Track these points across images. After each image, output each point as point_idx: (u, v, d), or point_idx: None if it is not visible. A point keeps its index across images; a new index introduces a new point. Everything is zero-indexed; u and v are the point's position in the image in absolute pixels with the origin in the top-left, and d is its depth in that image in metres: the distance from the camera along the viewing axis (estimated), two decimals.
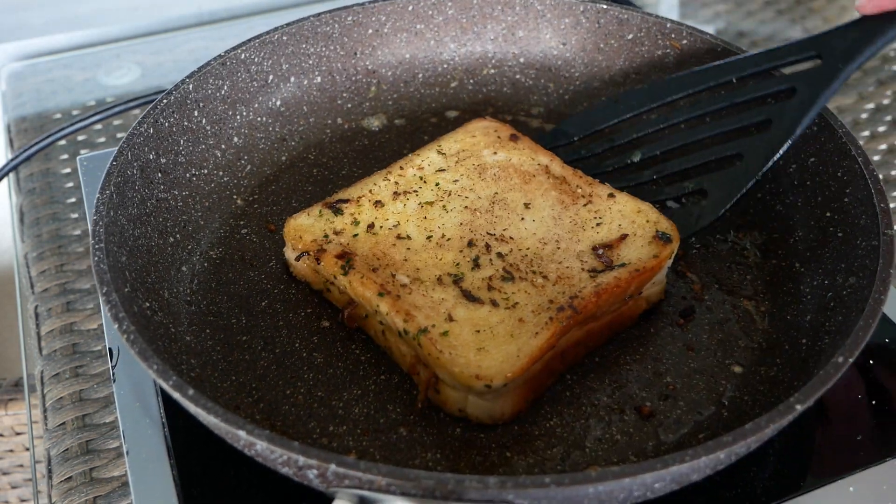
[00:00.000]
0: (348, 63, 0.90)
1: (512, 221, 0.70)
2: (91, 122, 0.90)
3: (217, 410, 0.51)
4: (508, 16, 0.92)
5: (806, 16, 1.20)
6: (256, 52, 0.84)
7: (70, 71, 1.14)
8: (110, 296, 0.58)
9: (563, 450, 0.61)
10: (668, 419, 0.63)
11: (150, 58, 1.14)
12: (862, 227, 0.66)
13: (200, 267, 0.74)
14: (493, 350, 0.60)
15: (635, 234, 0.69)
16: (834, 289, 0.66)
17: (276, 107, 0.86)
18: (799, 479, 0.62)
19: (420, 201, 0.72)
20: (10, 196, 1.00)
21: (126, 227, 0.68)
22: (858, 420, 0.67)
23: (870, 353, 0.71)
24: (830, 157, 0.72)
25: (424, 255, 0.68)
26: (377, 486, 0.48)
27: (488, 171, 0.75)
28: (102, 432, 0.72)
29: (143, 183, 0.72)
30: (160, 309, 0.67)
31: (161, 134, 0.75)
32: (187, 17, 1.22)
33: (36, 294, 0.84)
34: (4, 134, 1.07)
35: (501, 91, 0.92)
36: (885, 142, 0.99)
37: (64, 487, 0.68)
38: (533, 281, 0.66)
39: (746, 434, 0.50)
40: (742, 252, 0.75)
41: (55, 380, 0.76)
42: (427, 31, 0.92)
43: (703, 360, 0.67)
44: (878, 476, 0.63)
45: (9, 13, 1.21)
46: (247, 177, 0.82)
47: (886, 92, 1.06)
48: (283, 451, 0.49)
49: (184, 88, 0.78)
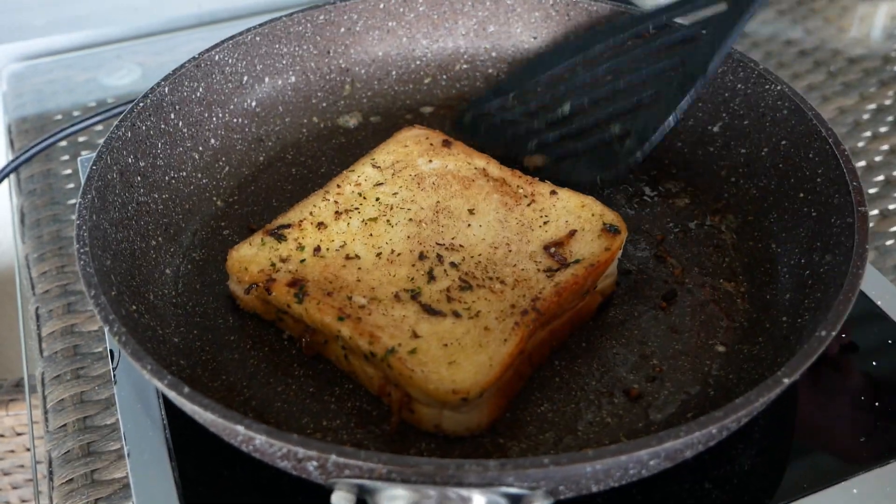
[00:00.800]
0: (322, 62, 0.90)
1: (459, 229, 0.69)
2: (92, 123, 0.89)
3: (214, 407, 0.51)
4: (479, 11, 0.92)
5: (807, 16, 1.21)
6: (230, 54, 0.84)
7: (71, 71, 1.13)
8: (99, 298, 0.58)
9: (555, 434, 0.62)
10: (656, 400, 0.64)
11: (151, 58, 1.14)
12: (836, 205, 0.68)
13: (184, 269, 0.74)
14: (465, 362, 0.60)
15: (583, 228, 0.69)
16: (811, 267, 0.68)
17: (251, 108, 0.86)
18: (802, 482, 0.63)
19: (363, 218, 0.70)
20: (11, 197, 1.00)
21: (109, 231, 0.67)
22: (862, 422, 0.67)
23: (873, 354, 0.71)
24: (801, 139, 0.74)
25: (377, 273, 0.66)
26: (378, 474, 0.49)
27: (426, 180, 0.74)
28: (103, 434, 0.71)
29: (123, 187, 0.72)
30: (146, 311, 0.67)
31: (139, 137, 0.75)
32: (187, 17, 1.21)
33: (37, 295, 0.84)
34: (5, 135, 1.07)
35: (475, 86, 0.93)
36: (886, 142, 1.00)
37: (65, 489, 0.68)
38: (491, 287, 0.65)
39: (738, 408, 0.51)
40: (719, 235, 0.77)
41: (56, 381, 0.76)
42: (399, 28, 0.92)
43: (687, 341, 0.68)
44: (881, 478, 0.63)
45: (9, 14, 1.21)
46: (225, 178, 0.82)
47: (888, 92, 1.07)
48: (283, 444, 0.50)
49: (159, 91, 0.77)
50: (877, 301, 0.75)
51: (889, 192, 0.93)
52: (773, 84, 0.77)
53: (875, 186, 0.94)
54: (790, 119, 0.75)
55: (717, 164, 0.82)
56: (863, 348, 0.72)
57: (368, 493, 0.51)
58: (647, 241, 0.76)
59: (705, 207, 0.79)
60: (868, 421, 0.67)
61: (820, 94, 1.07)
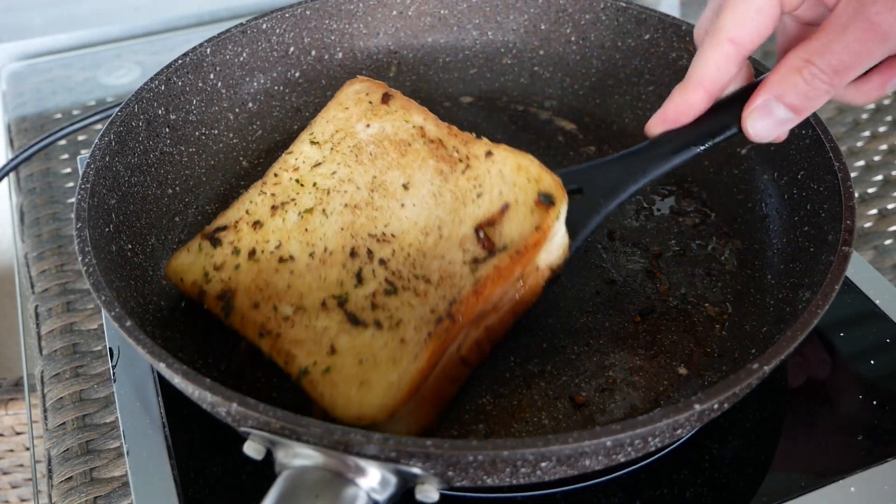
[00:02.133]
0: (370, 42, 0.93)
1: (392, 212, 0.66)
2: (91, 122, 0.90)
3: (146, 342, 0.55)
4: (531, 7, 0.93)
5: None
6: (278, 24, 0.88)
7: (70, 71, 1.15)
8: (82, 232, 0.63)
9: (487, 426, 0.63)
10: (600, 410, 0.64)
11: (151, 58, 1.16)
12: (828, 242, 0.65)
13: (194, 219, 0.79)
14: (375, 382, 0.57)
15: (517, 200, 0.63)
16: (793, 303, 0.65)
17: (294, 78, 0.90)
18: (799, 480, 0.63)
19: (299, 210, 0.67)
20: (11, 196, 1.01)
21: (122, 173, 0.73)
22: (859, 420, 0.66)
23: (870, 353, 0.70)
24: (817, 171, 0.71)
25: (308, 277, 0.63)
26: (272, 427, 0.51)
27: (364, 151, 0.70)
28: (103, 432, 0.73)
29: (147, 135, 0.77)
30: (142, 252, 0.71)
31: (173, 92, 0.80)
32: (187, 17, 1.23)
33: (36, 294, 0.85)
34: (4, 134, 1.07)
35: (518, 81, 0.94)
36: (885, 142, 0.98)
37: (64, 487, 0.69)
38: (416, 289, 0.61)
39: (636, 425, 0.50)
40: (719, 259, 0.75)
41: (55, 380, 0.77)
42: (451, 16, 0.94)
43: (650, 358, 0.67)
44: (879, 476, 0.63)
45: (9, 13, 1.22)
46: (256, 141, 0.87)
47: None
48: (196, 387, 0.53)
49: (200, 51, 0.82)
50: (875, 300, 0.74)
51: (888, 191, 0.91)
52: None
53: (874, 186, 0.92)
54: (811, 149, 0.72)
55: (738, 188, 0.79)
56: (862, 348, 0.71)
57: (273, 446, 0.54)
58: (642, 254, 0.75)
59: (714, 229, 0.77)
60: (866, 419, 0.66)
61: None
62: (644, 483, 0.63)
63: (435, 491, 0.52)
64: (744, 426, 0.66)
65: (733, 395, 0.54)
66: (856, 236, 0.84)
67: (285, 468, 0.52)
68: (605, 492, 0.62)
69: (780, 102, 0.58)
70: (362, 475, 0.51)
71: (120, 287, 0.64)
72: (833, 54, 0.54)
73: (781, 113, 0.59)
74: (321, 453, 0.51)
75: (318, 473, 0.51)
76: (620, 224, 0.78)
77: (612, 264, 0.74)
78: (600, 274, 0.73)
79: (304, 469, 0.51)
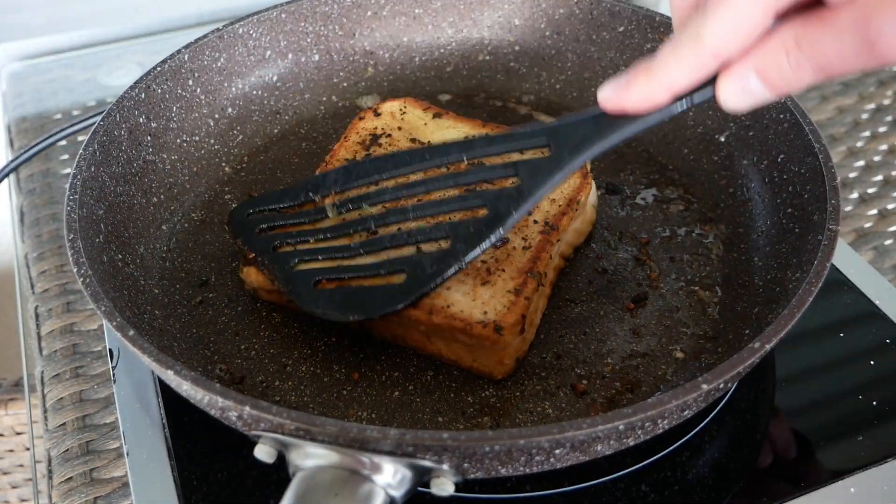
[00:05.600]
0: (346, 43, 0.93)
1: None
2: (91, 123, 0.88)
3: (151, 350, 0.55)
4: (506, 4, 0.94)
5: None
6: (255, 28, 0.87)
7: (70, 71, 1.14)
8: (75, 243, 0.62)
9: (492, 419, 0.63)
10: (601, 398, 0.65)
11: (151, 58, 1.14)
12: (814, 223, 0.67)
13: (181, 227, 0.78)
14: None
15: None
16: (783, 283, 0.67)
17: (272, 81, 0.90)
18: (799, 480, 0.63)
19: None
20: (11, 196, 1.00)
21: (108, 183, 0.72)
22: (859, 420, 0.67)
23: (870, 353, 0.71)
24: (797, 153, 0.73)
25: None
26: (286, 429, 0.51)
27: None
28: (103, 433, 0.72)
29: (130, 144, 0.76)
30: (132, 262, 0.71)
31: (153, 100, 0.79)
32: (187, 17, 1.22)
33: (36, 294, 0.85)
34: (5, 134, 1.07)
35: (495, 77, 0.94)
36: (885, 142, 0.99)
37: (64, 488, 0.69)
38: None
39: (647, 408, 0.51)
40: (706, 244, 0.76)
41: (55, 380, 0.76)
42: (425, 15, 0.94)
43: (647, 344, 0.68)
44: (878, 477, 0.63)
45: (9, 13, 1.22)
46: (237, 146, 0.86)
47: (887, 92, 1.05)
48: (206, 392, 0.53)
49: (179, 58, 0.82)
50: (875, 300, 0.75)
51: (888, 191, 0.92)
52: None
53: (874, 186, 0.93)
54: (789, 133, 0.74)
55: (719, 174, 0.81)
56: (862, 348, 0.72)
57: (286, 448, 0.53)
58: (631, 243, 0.76)
59: (698, 215, 0.79)
60: (865, 419, 0.67)
61: (819, 93, 1.05)
62: (644, 483, 0.63)
63: (451, 483, 0.53)
64: (743, 426, 0.67)
65: (737, 375, 0.55)
66: (855, 236, 0.86)
67: (299, 469, 0.52)
68: (606, 492, 0.63)
69: (758, 76, 0.56)
70: (378, 472, 0.51)
71: (115, 297, 0.63)
72: (824, 56, 0.52)
73: (757, 86, 0.56)
74: (336, 452, 0.51)
75: (334, 472, 0.51)
76: (607, 214, 0.79)
77: (603, 254, 0.75)
78: (591, 264, 0.74)
79: (319, 469, 0.51)
